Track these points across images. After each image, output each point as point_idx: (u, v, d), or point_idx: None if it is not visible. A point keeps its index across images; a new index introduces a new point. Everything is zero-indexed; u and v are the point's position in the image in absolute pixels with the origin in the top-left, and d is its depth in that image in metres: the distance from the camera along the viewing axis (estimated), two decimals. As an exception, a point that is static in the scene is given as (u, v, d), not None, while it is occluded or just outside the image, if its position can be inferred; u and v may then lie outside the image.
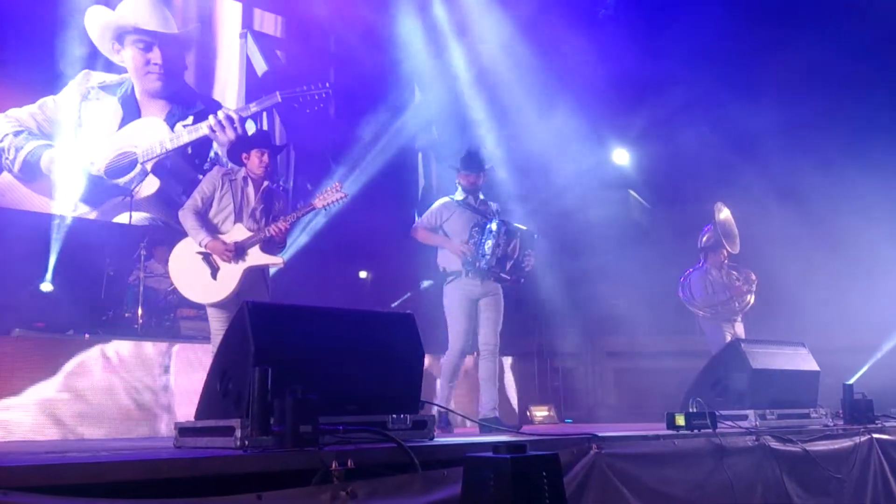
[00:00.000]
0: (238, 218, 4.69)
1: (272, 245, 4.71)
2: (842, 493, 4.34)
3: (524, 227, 5.33)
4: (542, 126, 9.11)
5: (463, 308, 5.14)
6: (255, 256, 4.64)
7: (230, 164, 5.05)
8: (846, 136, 9.20)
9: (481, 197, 5.46)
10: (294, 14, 9.28)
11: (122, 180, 7.81)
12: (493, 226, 5.14)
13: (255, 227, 4.71)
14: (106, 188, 7.77)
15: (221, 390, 2.82)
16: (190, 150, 8.25)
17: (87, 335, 5.55)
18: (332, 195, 4.80)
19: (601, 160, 10.37)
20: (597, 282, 9.52)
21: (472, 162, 5.40)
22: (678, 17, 9.52)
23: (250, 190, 4.79)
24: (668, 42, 9.49)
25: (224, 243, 4.57)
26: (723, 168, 9.56)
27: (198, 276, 4.58)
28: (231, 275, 4.57)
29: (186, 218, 4.64)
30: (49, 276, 6.88)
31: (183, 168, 8.06)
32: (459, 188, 5.38)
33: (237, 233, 4.65)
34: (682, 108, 9.80)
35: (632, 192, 10.99)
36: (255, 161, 4.78)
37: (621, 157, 10.78)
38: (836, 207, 8.98)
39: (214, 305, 4.59)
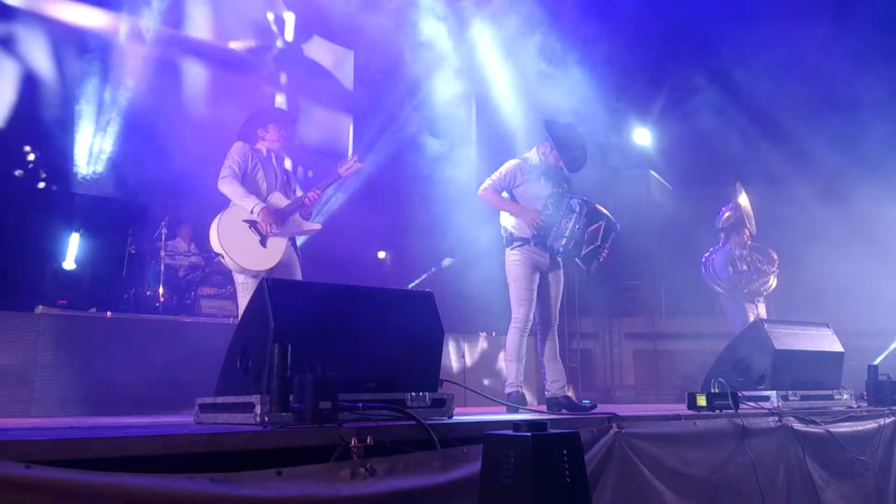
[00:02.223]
0: (271, 188, 4.74)
1: (306, 213, 4.81)
2: (865, 474, 4.30)
3: (608, 214, 4.78)
4: (564, 107, 9.00)
5: (530, 275, 4.66)
6: (297, 223, 4.75)
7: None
8: (872, 116, 9.02)
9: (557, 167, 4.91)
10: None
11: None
12: (576, 205, 4.64)
13: (286, 197, 4.78)
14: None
15: (241, 367, 2.82)
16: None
17: (108, 313, 5.60)
18: (353, 165, 4.85)
19: (623, 140, 10.27)
20: (616, 263, 9.46)
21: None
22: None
23: (274, 162, 4.85)
24: (689, 20, 9.33)
25: (276, 209, 4.62)
26: (745, 149, 9.44)
27: (248, 243, 4.60)
28: (279, 242, 4.66)
29: (232, 184, 4.60)
30: (72, 254, 6.94)
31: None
32: (536, 153, 4.86)
33: (277, 200, 4.71)
34: (704, 87, 9.67)
35: (653, 172, 10.89)
36: (275, 135, 4.81)
37: (643, 136, 10.67)
38: (861, 189, 8.84)
39: (256, 275, 4.60)
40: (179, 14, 8.30)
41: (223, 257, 4.63)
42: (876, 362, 5.26)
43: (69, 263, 6.90)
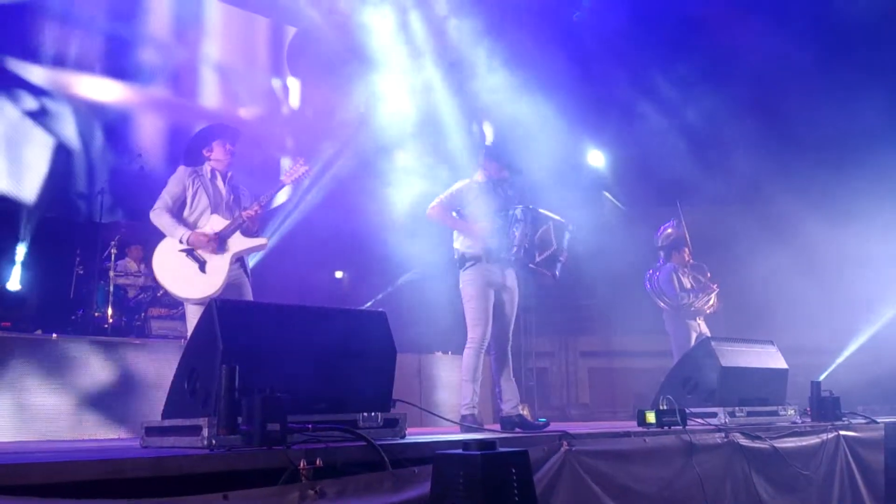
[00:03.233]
0: (214, 211, 4.63)
1: (249, 230, 4.66)
2: (809, 489, 4.41)
3: (557, 217, 4.91)
4: (517, 126, 9.13)
5: (485, 294, 4.70)
6: (238, 242, 4.60)
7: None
8: (817, 143, 9.36)
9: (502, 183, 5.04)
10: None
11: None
12: (518, 212, 4.74)
13: (230, 217, 4.65)
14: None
15: (189, 389, 2.79)
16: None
17: (54, 335, 5.46)
18: (298, 170, 4.75)
19: (576, 161, 10.44)
20: (570, 282, 9.57)
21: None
22: (650, 19, 9.63)
23: (220, 182, 4.71)
24: (639, 43, 9.58)
25: (205, 234, 4.52)
26: (693, 171, 9.68)
27: (186, 272, 4.50)
28: (220, 265, 4.53)
29: (161, 217, 4.55)
30: (16, 274, 6.76)
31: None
32: (481, 172, 4.99)
33: (215, 223, 4.59)
34: (654, 110, 9.91)
35: (606, 193, 11.08)
36: (221, 152, 4.70)
37: (596, 158, 10.87)
38: (802, 209, 9.13)
39: (197, 302, 4.52)
40: (193, 84, 8.62)
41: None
42: (819, 379, 5.42)
43: (14, 284, 6.72)
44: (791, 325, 8.04)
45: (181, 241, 4.49)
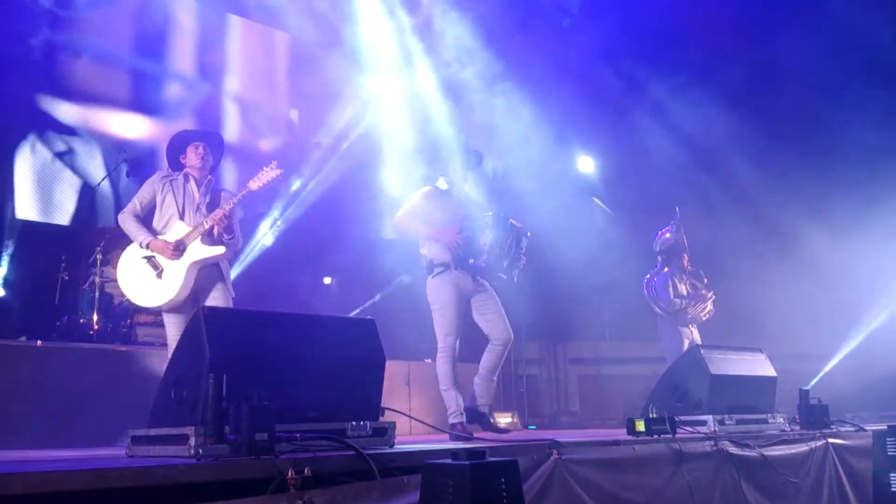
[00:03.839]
0: (181, 217, 4.57)
1: (212, 238, 4.55)
2: (798, 497, 4.41)
3: (519, 224, 4.97)
4: (508, 134, 9.13)
5: (454, 302, 4.66)
6: (197, 250, 4.50)
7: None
8: (808, 148, 9.41)
9: (466, 189, 5.10)
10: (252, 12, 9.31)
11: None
12: (491, 220, 4.78)
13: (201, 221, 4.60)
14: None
15: (176, 398, 2.75)
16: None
17: (39, 342, 5.40)
18: (268, 174, 4.63)
19: (566, 167, 10.46)
20: (560, 288, 9.58)
21: (470, 157, 5.05)
22: (640, 26, 9.67)
23: (192, 186, 4.65)
24: (630, 50, 9.63)
25: (166, 241, 4.47)
26: (684, 176, 9.71)
27: (143, 279, 4.47)
28: (176, 273, 4.45)
29: (126, 221, 4.53)
30: (0, 280, 6.69)
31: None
32: (444, 180, 4.99)
33: (177, 231, 4.53)
34: (645, 116, 9.95)
35: (596, 199, 11.10)
36: (193, 156, 4.66)
37: (586, 164, 10.90)
38: (792, 216, 9.18)
39: (167, 310, 4.48)
40: (217, 116, 8.81)
41: None
42: (808, 387, 5.43)
43: (-2, 290, 6.65)
44: (780, 332, 8.07)
45: (141, 247, 4.47)
